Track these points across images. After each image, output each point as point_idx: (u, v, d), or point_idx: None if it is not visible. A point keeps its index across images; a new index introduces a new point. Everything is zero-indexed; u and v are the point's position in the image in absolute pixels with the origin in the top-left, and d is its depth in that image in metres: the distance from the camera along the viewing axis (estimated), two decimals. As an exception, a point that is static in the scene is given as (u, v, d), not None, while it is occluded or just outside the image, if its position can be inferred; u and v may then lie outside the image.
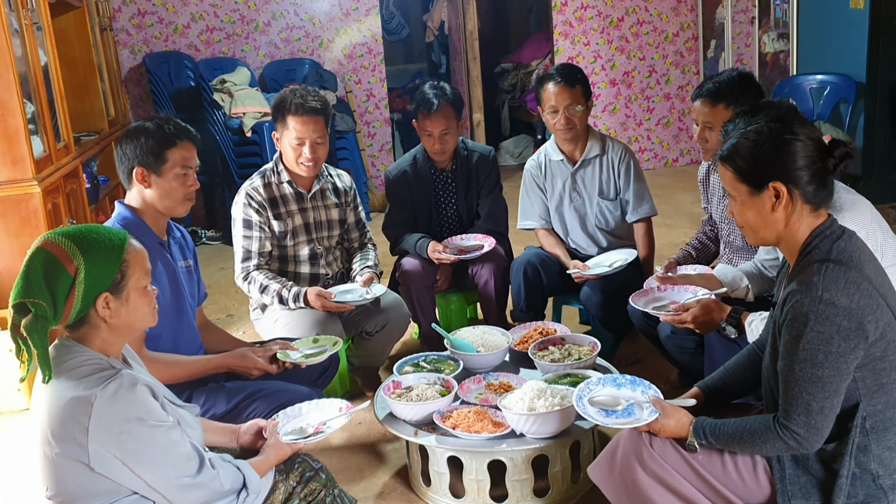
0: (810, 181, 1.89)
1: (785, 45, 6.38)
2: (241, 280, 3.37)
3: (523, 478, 2.63)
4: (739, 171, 1.94)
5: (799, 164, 1.88)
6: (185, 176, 2.65)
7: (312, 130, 3.28)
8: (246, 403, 2.63)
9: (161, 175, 2.63)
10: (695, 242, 3.45)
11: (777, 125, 1.90)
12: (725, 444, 1.97)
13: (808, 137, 1.90)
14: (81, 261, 1.83)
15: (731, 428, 1.95)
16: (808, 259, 1.89)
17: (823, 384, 1.82)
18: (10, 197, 3.90)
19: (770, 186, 1.90)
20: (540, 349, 3.03)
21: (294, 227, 3.42)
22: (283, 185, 3.41)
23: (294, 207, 3.42)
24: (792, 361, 1.84)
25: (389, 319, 3.41)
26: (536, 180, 3.81)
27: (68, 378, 1.81)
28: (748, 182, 1.93)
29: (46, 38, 4.57)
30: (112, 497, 1.85)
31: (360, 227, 3.66)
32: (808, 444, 1.86)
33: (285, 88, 3.41)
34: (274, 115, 3.35)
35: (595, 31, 7.58)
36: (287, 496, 2.09)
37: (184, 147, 2.65)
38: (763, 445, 1.91)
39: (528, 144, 8.77)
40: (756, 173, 1.92)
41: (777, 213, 1.91)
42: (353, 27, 7.29)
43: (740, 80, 2.97)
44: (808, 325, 1.81)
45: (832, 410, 1.85)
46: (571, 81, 3.56)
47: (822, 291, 1.80)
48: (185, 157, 2.65)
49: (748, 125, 1.96)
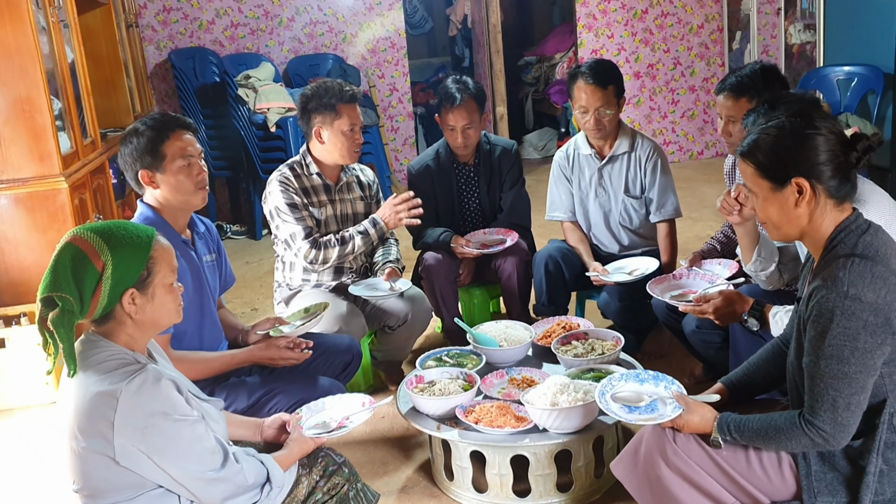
0: (833, 176, 1.86)
1: (811, 37, 6.30)
2: (314, 252, 3.32)
3: (546, 473, 2.63)
4: (760, 166, 1.91)
5: (821, 159, 1.86)
6: (188, 166, 2.61)
7: (360, 116, 3.40)
8: (267, 398, 2.65)
9: (164, 171, 2.59)
10: (720, 236, 3.42)
11: (798, 119, 1.88)
12: (750, 440, 1.95)
13: (830, 131, 1.87)
14: (109, 257, 1.84)
15: (756, 424, 1.93)
16: (833, 254, 1.87)
17: (850, 380, 1.80)
18: (38, 193, 3.95)
19: (792, 182, 1.87)
20: (563, 344, 3.02)
21: (326, 217, 3.44)
22: (312, 177, 3.43)
23: (324, 198, 3.45)
24: (818, 357, 1.82)
25: (412, 314, 3.42)
26: (564, 172, 3.79)
27: (94, 372, 1.83)
28: (770, 178, 1.91)
29: (73, 35, 4.62)
30: (137, 491, 1.87)
31: None
32: (834, 440, 1.84)
33: (318, 82, 3.43)
34: (314, 109, 3.33)
35: (619, 24, 7.53)
36: (310, 490, 2.10)
37: (177, 137, 2.60)
38: (788, 442, 1.89)
39: (552, 138, 8.73)
40: (778, 169, 1.89)
41: (800, 209, 1.89)
42: (376, 21, 7.29)
43: (763, 74, 2.94)
44: (834, 320, 1.79)
45: (859, 407, 1.82)
46: (603, 82, 3.49)
47: (848, 287, 1.78)
48: (183, 147, 2.61)
49: (769, 119, 1.93)
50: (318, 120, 3.34)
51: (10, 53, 3.84)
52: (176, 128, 2.61)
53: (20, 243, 3.96)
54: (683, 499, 1.98)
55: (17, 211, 3.95)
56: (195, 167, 2.63)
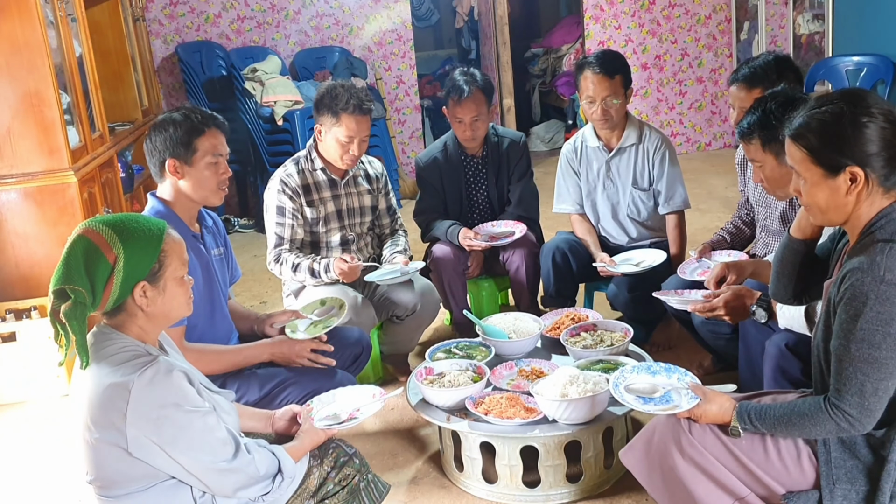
0: (886, 164, 1.83)
1: (820, 27, 6.27)
2: (273, 263, 3.39)
3: (556, 463, 2.64)
4: (813, 152, 1.86)
5: (877, 148, 1.82)
6: (216, 164, 2.66)
7: (364, 129, 3.33)
8: (278, 390, 2.66)
9: (192, 165, 2.63)
10: (730, 227, 3.41)
11: (854, 106, 1.82)
12: (772, 427, 1.94)
13: (886, 119, 1.82)
14: (121, 249, 1.85)
15: (779, 410, 1.92)
16: (870, 238, 1.85)
17: (879, 365, 1.79)
18: (48, 187, 3.97)
19: (847, 170, 1.83)
20: (572, 335, 3.02)
21: (326, 213, 3.44)
22: (316, 172, 3.43)
23: (327, 194, 3.44)
24: (848, 341, 1.81)
25: (421, 304, 3.43)
26: (572, 164, 3.79)
27: (106, 364, 1.84)
28: (823, 164, 1.86)
29: (81, 29, 4.62)
30: (150, 481, 1.88)
31: (391, 214, 3.67)
32: (860, 425, 1.83)
33: (334, 83, 3.41)
34: (321, 108, 3.34)
35: (626, 15, 7.50)
36: (321, 481, 2.11)
37: (212, 135, 2.65)
38: (813, 427, 1.87)
39: (559, 130, 8.71)
40: (832, 156, 1.84)
41: (850, 197, 1.85)
42: (382, 14, 7.28)
43: (777, 64, 2.93)
44: (868, 304, 1.78)
45: (886, 393, 1.81)
46: (610, 72, 3.49)
47: (885, 272, 1.77)
48: (215, 145, 2.66)
49: (821, 103, 1.87)
50: (321, 120, 3.35)
51: (18, 48, 3.86)
52: (213, 125, 2.67)
53: (30, 237, 3.98)
54: (697, 489, 1.98)
55: (26, 205, 3.96)
56: (221, 166, 2.68)
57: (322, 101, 3.33)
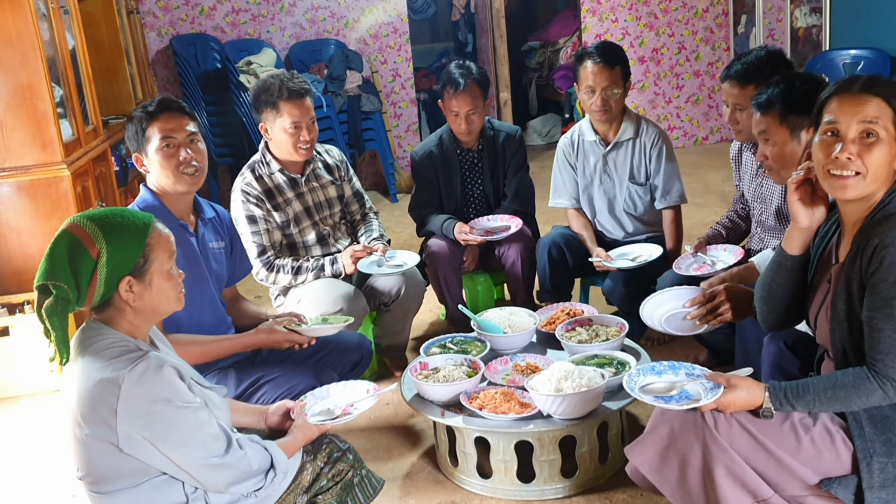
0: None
1: (818, 20, 6.26)
2: (265, 272, 3.32)
3: (551, 458, 2.63)
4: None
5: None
6: (167, 147, 2.58)
7: (307, 112, 3.28)
8: (253, 390, 2.64)
9: (148, 154, 2.60)
10: (725, 221, 3.40)
11: None
12: (811, 403, 1.90)
13: None
14: (104, 244, 1.84)
15: (818, 385, 1.89)
16: (883, 213, 1.88)
17: None
18: (41, 180, 3.94)
19: None
20: (567, 330, 3.01)
21: (295, 214, 3.39)
22: (274, 175, 3.38)
23: (291, 195, 3.39)
24: (891, 307, 1.80)
25: (404, 288, 3.40)
26: (569, 159, 3.77)
27: (96, 360, 1.83)
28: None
29: (74, 21, 4.59)
30: (141, 477, 1.87)
31: (359, 198, 3.63)
32: None
33: (264, 77, 3.37)
34: (259, 105, 3.28)
35: (623, 8, 7.48)
36: (315, 476, 2.10)
37: (163, 119, 2.59)
38: (858, 398, 1.85)
39: (556, 124, 8.70)
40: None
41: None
42: (378, 7, 7.25)
43: (769, 59, 2.91)
44: None
45: None
46: (611, 62, 3.49)
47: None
48: (165, 129, 2.58)
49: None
50: (264, 118, 3.30)
51: (10, 40, 3.83)
52: (165, 110, 2.60)
53: (23, 231, 3.95)
54: (719, 490, 1.92)
55: (19, 199, 3.94)
56: (176, 151, 2.59)
57: (258, 98, 3.28)
